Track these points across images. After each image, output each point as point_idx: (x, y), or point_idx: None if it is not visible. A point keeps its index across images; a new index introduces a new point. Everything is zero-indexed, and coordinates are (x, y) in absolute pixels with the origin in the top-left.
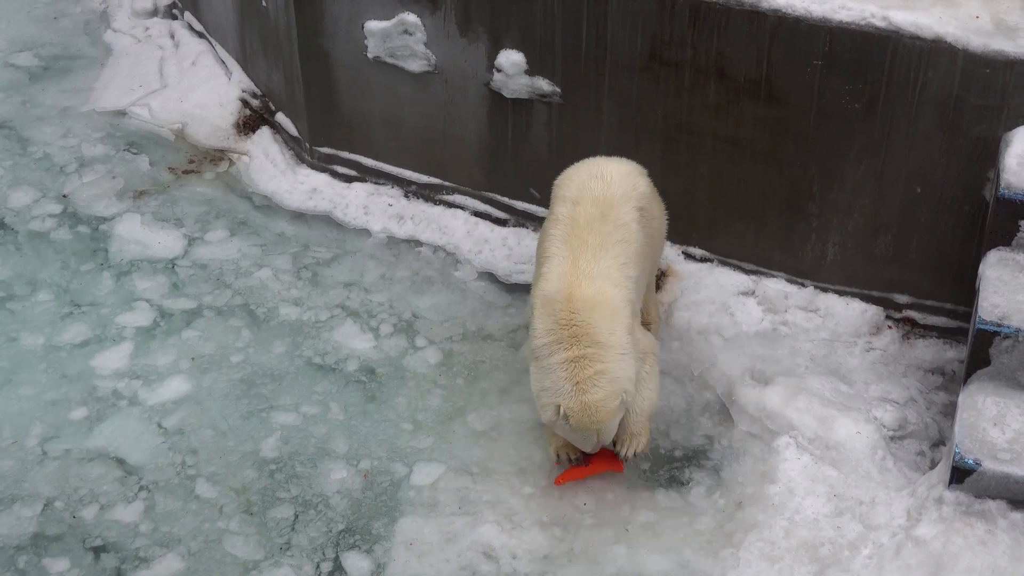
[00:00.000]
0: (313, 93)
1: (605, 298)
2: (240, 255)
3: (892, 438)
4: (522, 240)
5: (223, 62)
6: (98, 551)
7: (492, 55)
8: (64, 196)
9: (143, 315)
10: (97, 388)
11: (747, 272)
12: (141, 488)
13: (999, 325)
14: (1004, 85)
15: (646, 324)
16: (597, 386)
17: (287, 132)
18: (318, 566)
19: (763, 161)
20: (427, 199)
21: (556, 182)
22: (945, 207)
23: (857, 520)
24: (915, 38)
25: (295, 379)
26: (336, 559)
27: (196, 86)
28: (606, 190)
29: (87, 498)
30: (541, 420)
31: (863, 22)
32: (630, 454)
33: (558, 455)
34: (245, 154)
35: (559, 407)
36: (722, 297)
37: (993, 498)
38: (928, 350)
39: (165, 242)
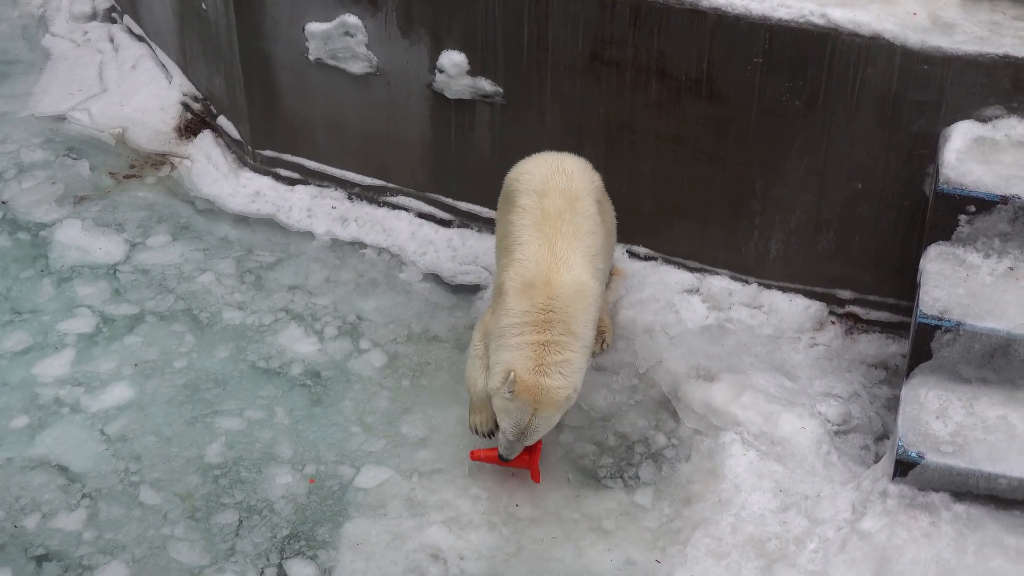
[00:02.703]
0: (255, 96)
1: (583, 288)
2: (183, 260)
3: (836, 433)
4: (467, 241)
5: (163, 66)
6: (40, 560)
7: (434, 56)
8: (3, 202)
9: (85, 321)
10: (39, 396)
11: (691, 270)
12: (84, 496)
13: (940, 319)
14: (942, 81)
15: (599, 331)
16: (560, 373)
17: (229, 135)
18: (262, 572)
19: (706, 159)
20: (371, 201)
21: (511, 175)
22: (886, 203)
23: (803, 515)
24: (854, 35)
25: (239, 384)
26: (280, 565)
27: (136, 90)
28: (569, 183)
29: (29, 507)
30: (473, 389)
31: (802, 20)
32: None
33: (476, 429)
34: (187, 158)
35: (511, 373)
36: (667, 295)
37: (936, 490)
38: (871, 345)
39: (106, 247)
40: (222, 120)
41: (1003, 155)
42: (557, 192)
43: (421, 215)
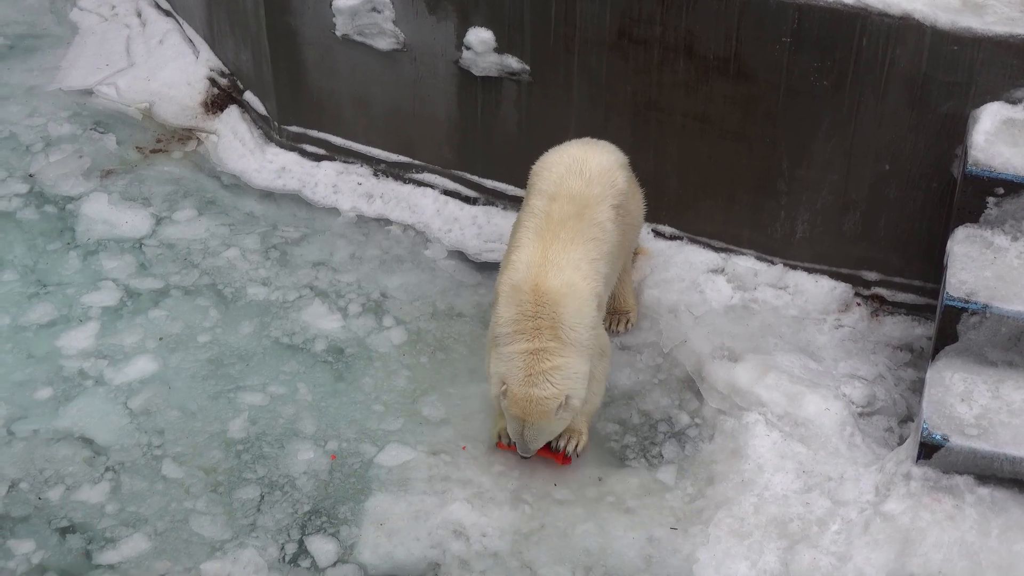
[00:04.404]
0: (281, 72)
1: (572, 290)
2: (208, 234)
3: (861, 414)
4: (492, 219)
5: (191, 41)
6: (64, 532)
7: (461, 33)
8: (30, 176)
9: (110, 295)
10: (63, 368)
11: (717, 250)
12: (107, 469)
13: (967, 301)
14: (972, 62)
15: (623, 311)
16: (549, 382)
17: (255, 111)
18: (283, 547)
19: (732, 138)
20: (396, 178)
21: (534, 168)
22: (913, 184)
23: (826, 496)
24: (883, 15)
25: (263, 359)
26: (301, 541)
27: (163, 65)
28: (584, 188)
29: (53, 479)
30: (491, 398)
31: None
32: (568, 449)
33: (500, 436)
34: (213, 133)
35: (504, 385)
36: (692, 275)
37: (960, 473)
38: (896, 327)
39: (132, 221)
40: (248, 95)
41: None
42: (567, 197)
43: (446, 192)
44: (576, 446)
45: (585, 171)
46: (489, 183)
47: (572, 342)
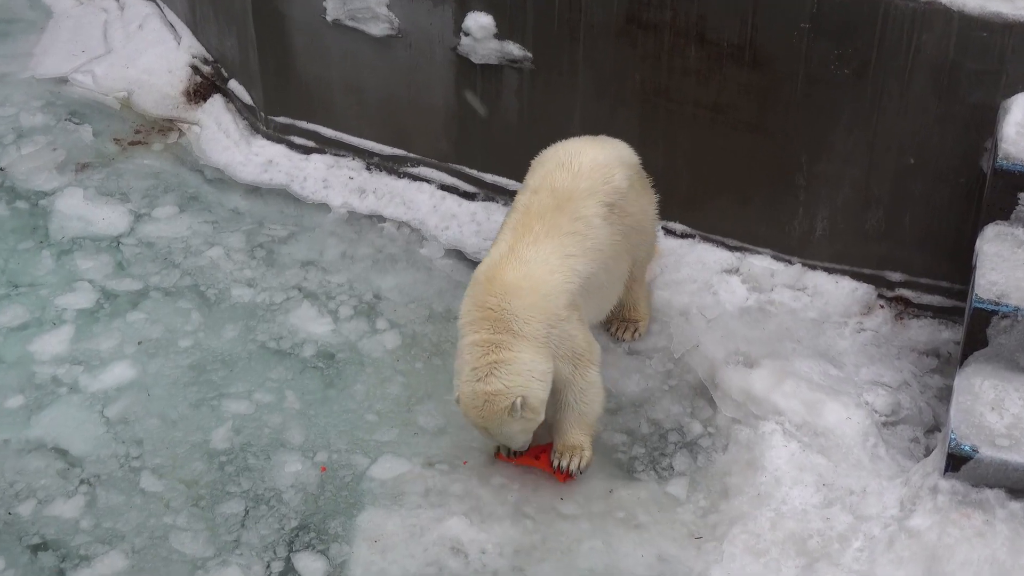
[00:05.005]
0: (268, 59)
1: (530, 284)
2: (190, 232)
3: (884, 424)
4: (491, 215)
5: (172, 26)
6: (36, 549)
7: (459, 18)
8: (1, 169)
9: (85, 296)
10: (36, 374)
11: (731, 248)
12: (82, 481)
13: (997, 303)
14: (1002, 49)
15: (632, 320)
16: (495, 375)
17: (241, 100)
18: (268, 566)
19: (747, 130)
20: (390, 172)
21: (532, 163)
22: (940, 179)
23: (847, 511)
24: None
25: (248, 365)
26: (288, 559)
27: (143, 51)
28: (570, 182)
29: (24, 492)
30: None
31: None
32: (572, 467)
33: (497, 448)
34: (196, 124)
35: (457, 390)
36: (704, 275)
37: (991, 487)
38: (922, 331)
39: (109, 218)
40: (233, 84)
41: None
42: (549, 190)
43: (444, 187)
44: (579, 464)
45: (574, 165)
46: (489, 177)
47: (525, 336)
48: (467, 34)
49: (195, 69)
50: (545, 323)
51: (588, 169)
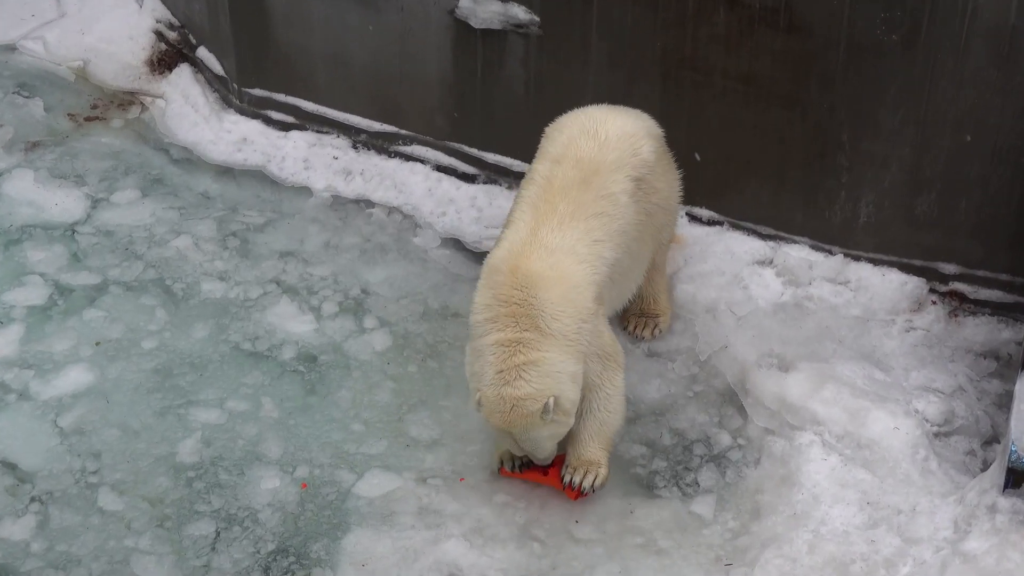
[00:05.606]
0: (242, 24)
1: (558, 274)
2: (154, 220)
3: (936, 435)
4: (494, 200)
5: None
6: None
7: None
8: None
9: (36, 292)
10: None
11: (764, 237)
12: (33, 499)
13: None
14: None
15: (651, 315)
16: (523, 379)
17: (211, 71)
18: None
19: (783, 104)
20: (380, 151)
21: (546, 130)
22: (1000, 159)
23: (894, 532)
24: None
25: (219, 369)
26: None
27: (100, 15)
28: (596, 152)
29: None
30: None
31: None
32: (585, 484)
33: (503, 460)
34: (160, 97)
35: (478, 394)
36: (734, 267)
37: None
38: (979, 329)
39: (63, 204)
40: (203, 52)
41: None
42: (573, 161)
43: (440, 168)
44: (593, 481)
45: (601, 133)
46: (490, 157)
47: (555, 334)
48: None
49: (159, 35)
50: (576, 318)
51: (616, 138)
